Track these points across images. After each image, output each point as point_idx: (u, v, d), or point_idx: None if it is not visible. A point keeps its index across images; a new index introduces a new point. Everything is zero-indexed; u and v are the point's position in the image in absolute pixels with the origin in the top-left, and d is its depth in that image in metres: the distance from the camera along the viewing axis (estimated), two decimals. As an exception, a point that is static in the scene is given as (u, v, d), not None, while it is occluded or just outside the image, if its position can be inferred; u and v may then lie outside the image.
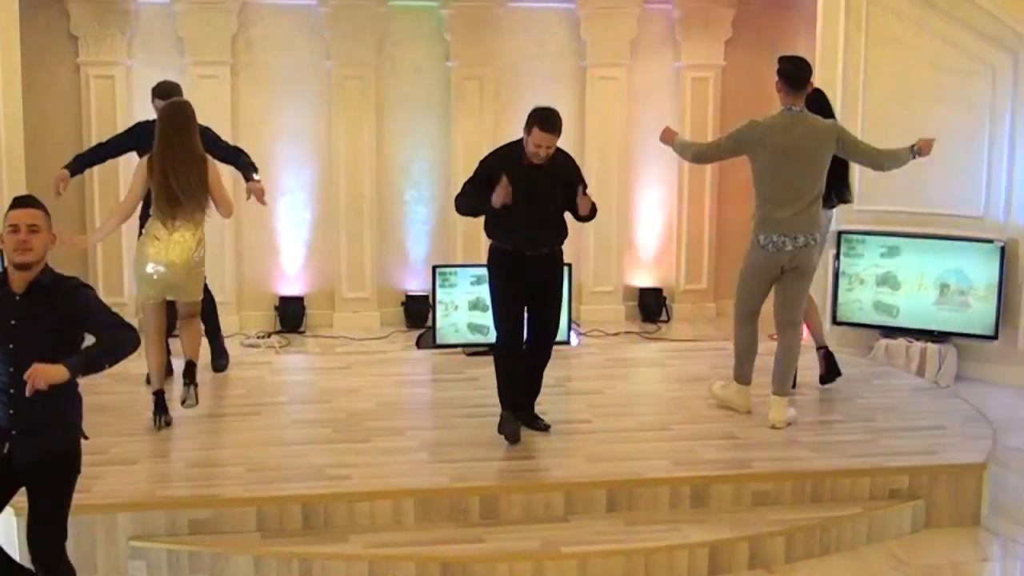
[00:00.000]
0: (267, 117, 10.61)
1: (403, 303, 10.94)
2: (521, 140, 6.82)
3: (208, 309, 8.00)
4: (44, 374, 4.62)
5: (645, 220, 11.42)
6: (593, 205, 6.95)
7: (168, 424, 7.08)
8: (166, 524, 6.03)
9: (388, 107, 10.85)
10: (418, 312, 10.76)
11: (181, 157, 7.06)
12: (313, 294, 10.87)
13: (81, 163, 8.10)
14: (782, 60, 7.21)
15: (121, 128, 9.51)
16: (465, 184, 6.94)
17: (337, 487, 6.27)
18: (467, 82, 10.82)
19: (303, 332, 10.64)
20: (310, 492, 6.21)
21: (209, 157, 7.23)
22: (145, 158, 7.17)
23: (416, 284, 10.99)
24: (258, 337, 10.37)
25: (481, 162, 6.95)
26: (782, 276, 7.20)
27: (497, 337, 6.98)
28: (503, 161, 6.82)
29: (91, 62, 10.31)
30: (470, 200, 6.89)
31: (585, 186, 6.92)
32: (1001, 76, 9.21)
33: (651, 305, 11.27)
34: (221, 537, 6.01)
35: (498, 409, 6.99)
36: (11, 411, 4.87)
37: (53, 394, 4.71)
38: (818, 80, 9.59)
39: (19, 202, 4.93)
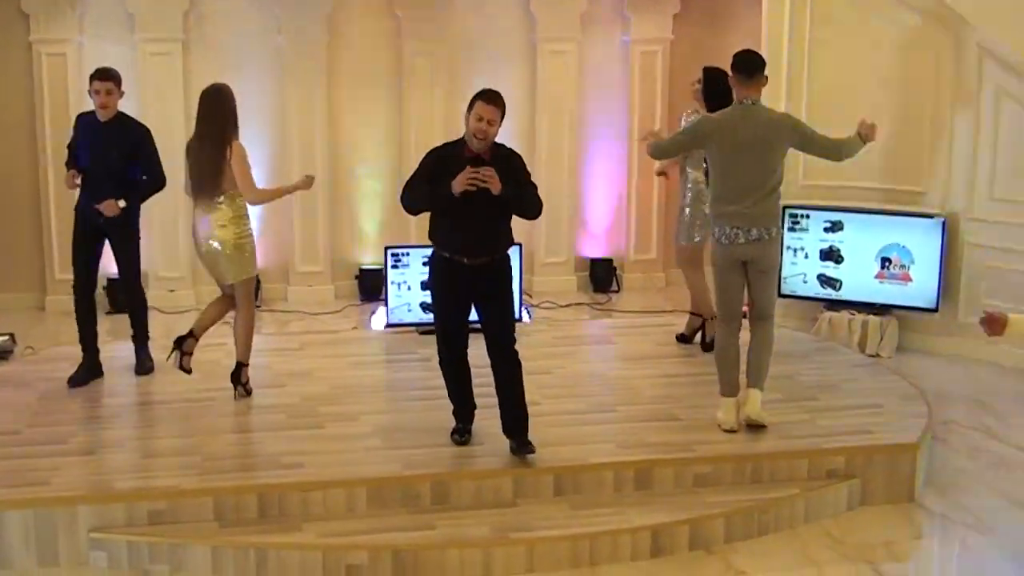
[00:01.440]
0: (219, 93, 10.65)
1: (357, 276, 11.09)
2: (463, 137, 6.64)
3: (136, 310, 8.15)
4: None
5: (596, 192, 11.59)
6: (535, 201, 6.67)
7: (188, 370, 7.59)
8: (125, 515, 6.18)
9: (340, 83, 10.94)
10: (372, 285, 10.91)
11: (198, 141, 7.42)
12: (267, 268, 10.95)
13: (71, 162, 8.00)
14: (735, 55, 7.19)
15: (73, 108, 9.61)
16: (410, 178, 6.76)
17: (291, 476, 6.43)
18: (418, 58, 10.92)
19: (258, 306, 10.66)
20: (265, 482, 6.38)
21: (236, 142, 7.39)
22: None
23: (369, 257, 11.13)
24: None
25: (425, 156, 6.76)
26: (747, 271, 7.15)
27: (437, 345, 6.89)
28: (446, 153, 6.66)
29: (42, 40, 10.34)
30: (412, 194, 6.68)
31: (531, 185, 6.69)
32: (943, 54, 9.39)
33: (602, 275, 11.47)
34: (180, 527, 6.17)
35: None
36: None
37: None
38: (766, 56, 9.81)
39: None
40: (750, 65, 7.11)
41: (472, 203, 6.48)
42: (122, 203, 7.68)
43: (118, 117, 7.79)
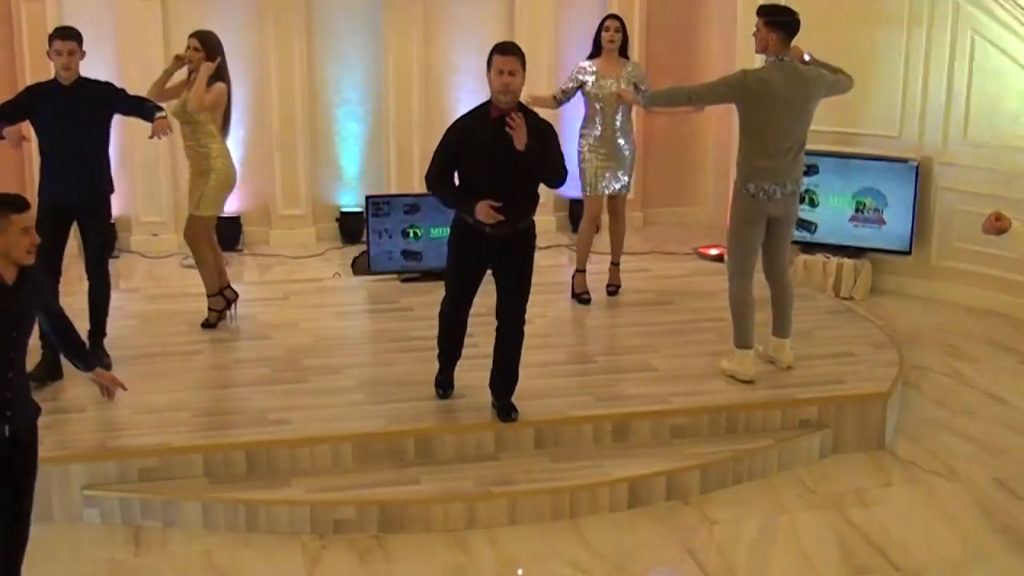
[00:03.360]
0: (198, 38, 10.64)
1: (337, 219, 11.18)
2: (488, 102, 6.48)
3: (105, 301, 7.52)
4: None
5: (575, 133, 11.61)
6: (560, 166, 6.57)
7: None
8: (117, 472, 6.34)
9: (319, 25, 10.93)
10: (352, 228, 11.01)
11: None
12: (249, 212, 11.06)
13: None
14: (772, 10, 7.22)
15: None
16: (434, 158, 6.56)
17: (278, 433, 6.60)
18: (396, -1, 10.94)
19: (241, 250, 10.85)
20: (253, 439, 6.54)
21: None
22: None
23: (349, 200, 11.21)
24: (197, 257, 10.56)
25: (446, 132, 6.58)
26: (773, 226, 7.24)
27: (442, 302, 6.92)
28: (469, 122, 6.51)
29: (21, -12, 10.30)
30: (440, 190, 6.57)
31: (561, 159, 6.57)
32: (918, -4, 9.48)
33: (580, 216, 11.53)
34: (171, 484, 6.34)
35: (431, 344, 7.20)
36: (8, 394, 4.87)
37: (26, 376, 5.05)
38: (740, 5, 9.89)
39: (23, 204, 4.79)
40: (794, 25, 7.09)
41: (498, 173, 6.37)
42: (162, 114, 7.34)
43: (80, 81, 7.22)
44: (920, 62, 9.52)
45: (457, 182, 6.57)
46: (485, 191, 6.39)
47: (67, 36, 7.20)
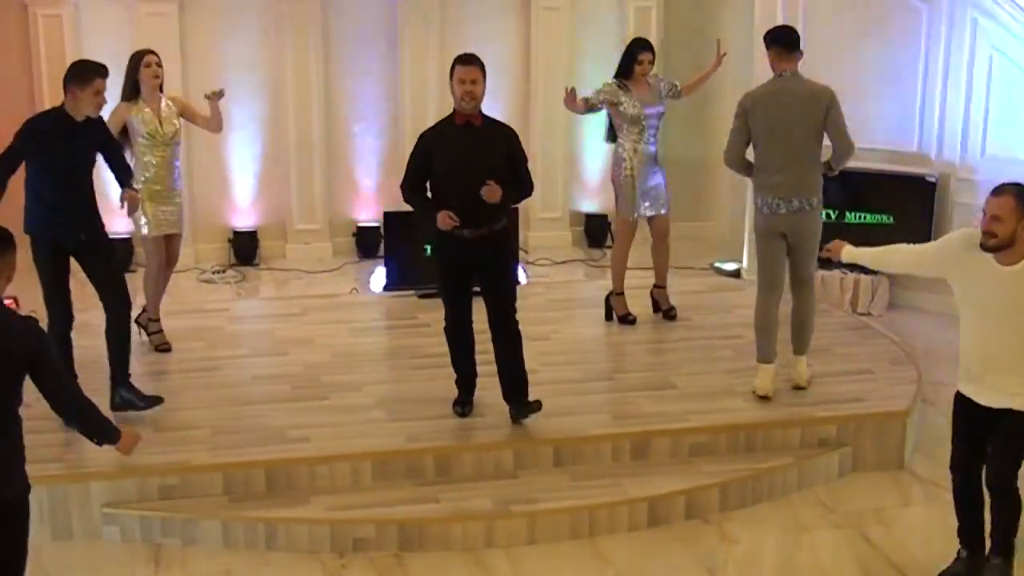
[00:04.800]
0: (215, 52, 10.69)
1: (354, 234, 11.20)
2: (453, 112, 6.79)
3: (127, 339, 7.11)
4: None
5: (590, 147, 11.66)
6: (527, 186, 6.87)
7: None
8: (137, 491, 6.36)
9: (335, 40, 10.98)
10: (369, 243, 11.03)
11: None
12: (265, 226, 11.10)
13: None
14: (769, 32, 7.33)
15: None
16: (407, 167, 6.86)
17: (297, 451, 6.62)
18: (413, 14, 10.94)
19: (257, 265, 10.89)
20: (272, 457, 6.56)
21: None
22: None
23: (366, 215, 11.23)
24: (213, 272, 10.60)
25: (417, 141, 6.87)
26: (788, 241, 7.26)
27: (444, 317, 7.05)
28: (436, 131, 6.82)
29: (38, 1, 10.33)
30: (411, 198, 6.85)
31: (525, 163, 6.87)
32: (935, 12, 9.46)
33: (596, 231, 11.58)
34: (190, 502, 6.36)
35: (448, 361, 7.23)
36: None
37: (10, 439, 4.61)
38: (758, 16, 9.88)
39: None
40: (789, 40, 7.21)
41: (468, 177, 6.60)
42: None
43: (88, 117, 6.86)
44: (938, 77, 9.51)
45: (429, 188, 6.81)
46: (456, 196, 6.64)
47: (107, 75, 6.85)
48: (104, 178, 7.46)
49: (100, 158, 7.11)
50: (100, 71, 6.74)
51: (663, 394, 7.41)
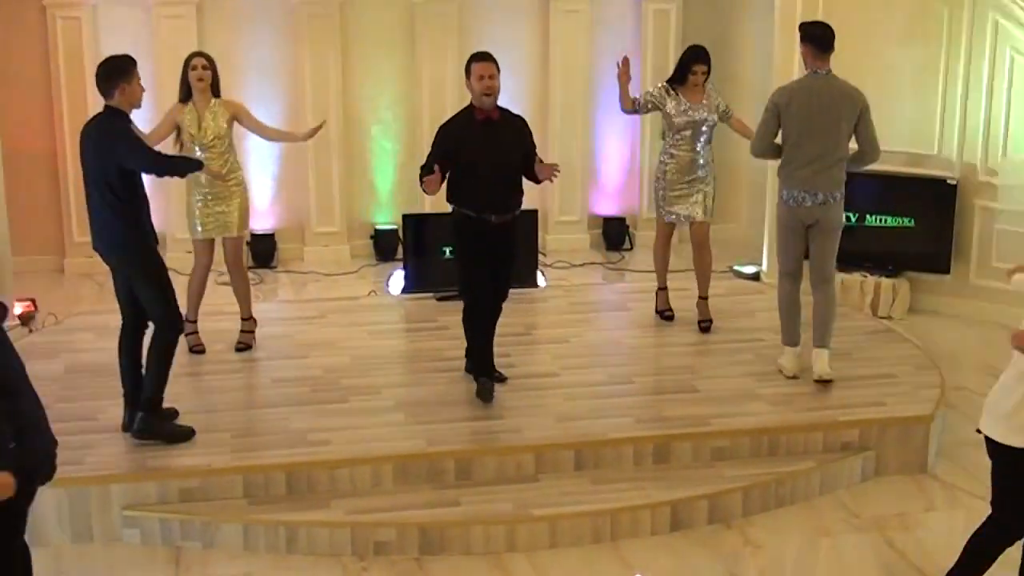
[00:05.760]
0: (233, 55, 10.65)
1: (372, 236, 11.18)
2: (470, 104, 7.08)
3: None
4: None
5: (609, 150, 11.64)
6: (554, 168, 7.13)
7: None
8: (157, 493, 6.34)
9: (354, 42, 10.96)
10: (387, 246, 11.02)
11: None
12: (283, 229, 11.08)
13: None
14: (805, 26, 7.47)
15: (88, 72, 9.55)
16: (428, 156, 7.03)
17: (318, 454, 6.58)
18: (432, 16, 10.92)
19: (275, 267, 10.88)
20: (293, 460, 6.52)
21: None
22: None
23: (384, 217, 11.21)
24: (231, 275, 10.57)
25: (436, 134, 7.11)
26: (809, 233, 7.44)
27: (465, 302, 7.20)
28: (456, 124, 7.09)
29: (56, 3, 10.34)
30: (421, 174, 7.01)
31: (535, 154, 7.18)
32: (956, 13, 9.40)
33: (614, 234, 11.54)
34: (210, 504, 6.33)
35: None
36: None
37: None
38: (778, 17, 9.84)
39: None
40: (824, 38, 7.33)
41: (494, 164, 6.93)
42: None
43: None
44: (959, 80, 9.45)
45: (450, 178, 7.05)
46: (481, 187, 6.99)
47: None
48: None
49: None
50: (132, 59, 6.59)
51: (685, 397, 7.37)
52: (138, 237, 6.59)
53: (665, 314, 8.70)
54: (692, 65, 8.32)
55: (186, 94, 7.90)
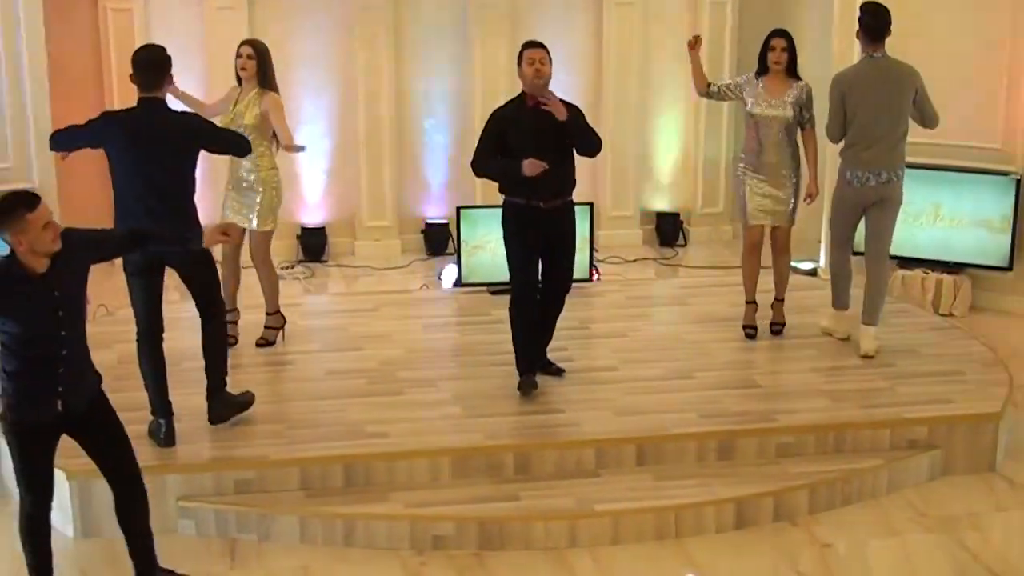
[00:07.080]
0: (285, 47, 10.53)
1: (423, 231, 11.08)
2: (521, 94, 7.06)
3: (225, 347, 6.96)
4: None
5: (663, 145, 11.49)
6: (596, 136, 7.08)
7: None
8: (213, 484, 6.27)
9: (406, 34, 10.86)
10: (438, 240, 10.92)
11: None
12: (334, 223, 11.00)
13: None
14: (863, 9, 7.65)
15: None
16: (478, 144, 7.10)
17: (376, 446, 6.49)
18: (484, 9, 10.82)
19: (325, 261, 10.80)
20: (350, 452, 6.44)
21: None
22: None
23: (435, 212, 11.12)
24: (282, 268, 10.49)
25: (487, 121, 7.13)
26: (869, 209, 7.68)
27: (512, 291, 7.11)
28: (507, 111, 7.11)
29: (108, -5, 10.33)
30: (486, 169, 7.13)
31: (589, 127, 7.10)
32: (1020, 6, 9.21)
33: (668, 229, 11.40)
34: (267, 496, 6.26)
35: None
36: (60, 370, 5.17)
37: (83, 346, 5.29)
38: (837, 11, 9.68)
39: (35, 202, 4.91)
40: (877, 28, 7.57)
41: (543, 148, 6.87)
42: None
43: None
44: (1022, 73, 9.25)
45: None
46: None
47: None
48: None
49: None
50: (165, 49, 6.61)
51: (747, 393, 7.23)
52: (199, 221, 6.55)
53: (747, 330, 8.18)
54: (770, 40, 7.93)
55: (239, 80, 7.84)
